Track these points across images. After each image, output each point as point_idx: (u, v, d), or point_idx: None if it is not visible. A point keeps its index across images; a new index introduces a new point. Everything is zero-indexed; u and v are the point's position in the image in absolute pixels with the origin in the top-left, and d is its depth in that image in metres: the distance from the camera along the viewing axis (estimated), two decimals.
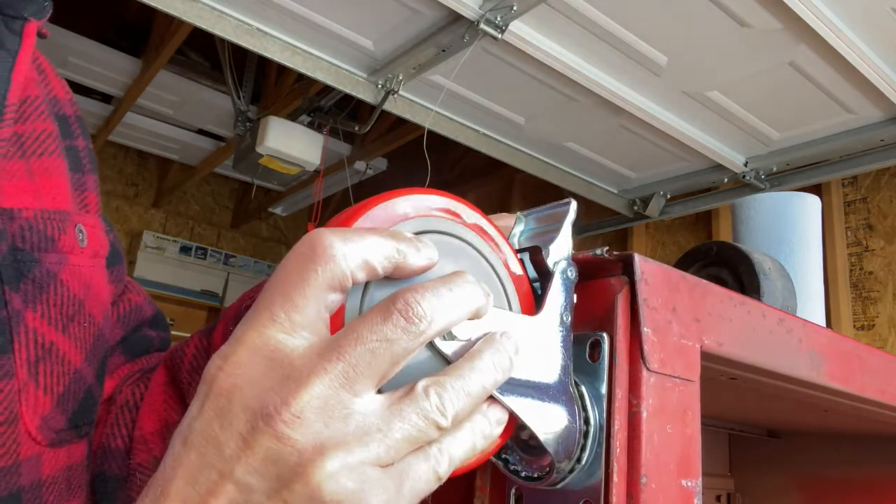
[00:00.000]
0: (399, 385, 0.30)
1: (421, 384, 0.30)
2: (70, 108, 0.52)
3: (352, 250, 0.30)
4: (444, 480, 0.30)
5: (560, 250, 0.38)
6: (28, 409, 0.41)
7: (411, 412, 0.29)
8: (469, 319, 0.32)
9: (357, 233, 0.31)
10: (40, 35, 0.47)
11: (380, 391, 0.29)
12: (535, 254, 0.38)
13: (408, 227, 0.34)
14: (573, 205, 0.40)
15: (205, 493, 0.27)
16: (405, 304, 0.29)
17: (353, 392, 0.28)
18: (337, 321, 0.31)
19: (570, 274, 0.38)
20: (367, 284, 0.32)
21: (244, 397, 0.28)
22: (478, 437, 0.32)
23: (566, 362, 0.36)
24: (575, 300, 0.38)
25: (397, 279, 0.32)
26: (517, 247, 0.41)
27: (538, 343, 0.36)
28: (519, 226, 0.43)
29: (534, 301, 0.38)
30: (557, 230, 0.39)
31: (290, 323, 0.29)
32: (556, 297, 0.37)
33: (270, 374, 0.28)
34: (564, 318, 0.37)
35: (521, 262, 0.39)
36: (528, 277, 0.39)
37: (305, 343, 0.29)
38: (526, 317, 0.36)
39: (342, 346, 0.28)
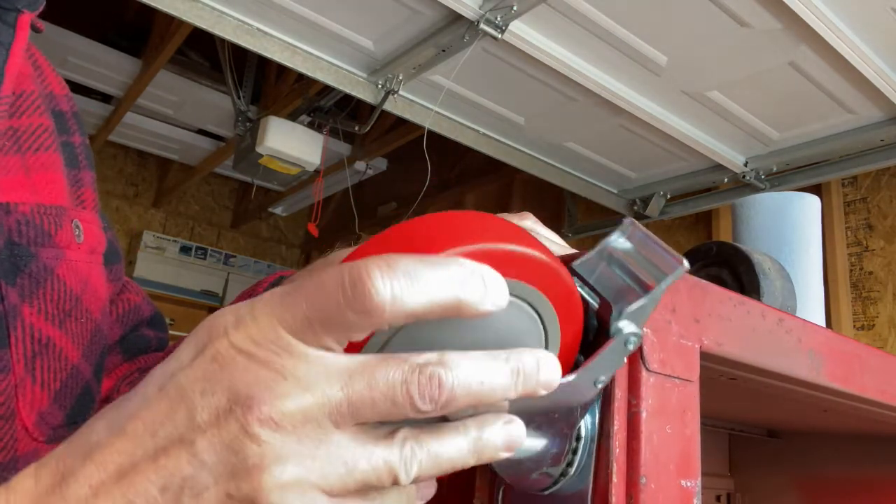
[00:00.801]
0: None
1: (402, 434, 0.28)
2: (66, 104, 0.52)
3: (401, 298, 0.26)
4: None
5: (638, 318, 0.32)
6: (25, 404, 0.41)
7: (380, 459, 0.27)
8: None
9: (415, 270, 0.27)
10: (35, 29, 0.46)
11: None
12: (604, 311, 0.33)
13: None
14: (683, 269, 0.32)
15: (159, 447, 0.27)
16: (428, 380, 0.27)
17: (336, 425, 0.27)
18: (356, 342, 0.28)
19: (631, 346, 0.33)
20: None
21: (237, 375, 0.27)
22: (416, 499, 0.30)
23: (578, 419, 0.34)
24: (621, 367, 0.33)
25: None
26: (606, 256, 0.35)
27: (556, 403, 0.32)
28: (621, 236, 0.35)
29: (577, 350, 0.33)
30: (647, 288, 0.32)
31: (311, 331, 0.27)
32: (602, 364, 0.32)
33: (272, 366, 0.27)
34: (598, 384, 0.33)
35: (583, 300, 0.33)
36: (582, 318, 0.33)
37: (317, 356, 0.27)
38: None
39: (351, 383, 0.27)
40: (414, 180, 3.20)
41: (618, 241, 0.35)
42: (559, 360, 0.30)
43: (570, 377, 0.32)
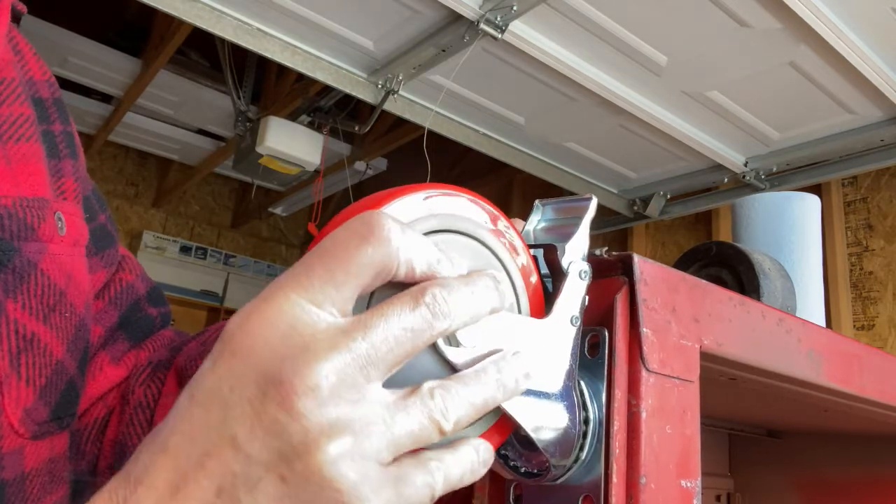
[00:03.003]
0: (399, 386, 0.29)
1: (427, 385, 0.29)
2: (47, 90, 0.50)
3: (406, 245, 0.29)
4: (436, 498, 0.30)
5: (576, 249, 0.37)
6: (10, 401, 0.41)
7: (416, 409, 0.28)
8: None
9: (413, 229, 0.30)
10: (15, 13, 0.45)
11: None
12: (550, 252, 0.37)
13: (432, 223, 0.33)
14: (594, 201, 0.38)
15: (203, 453, 0.26)
16: (433, 298, 0.29)
17: (367, 377, 0.27)
18: None
19: (584, 275, 0.37)
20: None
21: (259, 361, 0.27)
22: (475, 464, 0.31)
23: (572, 366, 0.36)
24: (587, 302, 0.37)
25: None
26: (532, 237, 0.40)
27: (545, 346, 0.35)
28: (536, 215, 0.41)
29: (544, 301, 0.37)
30: (575, 226, 0.38)
31: (324, 296, 0.28)
32: (568, 298, 0.36)
33: (289, 341, 0.27)
34: (574, 321, 0.36)
35: (535, 258, 0.38)
36: (541, 275, 0.38)
37: (332, 319, 0.28)
38: (534, 320, 0.35)
39: (369, 327, 0.28)
40: (414, 180, 3.19)
41: (536, 222, 0.41)
42: (530, 310, 0.36)
43: (547, 318, 0.35)
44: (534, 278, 0.37)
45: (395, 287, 0.31)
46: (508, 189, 3.54)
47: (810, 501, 0.99)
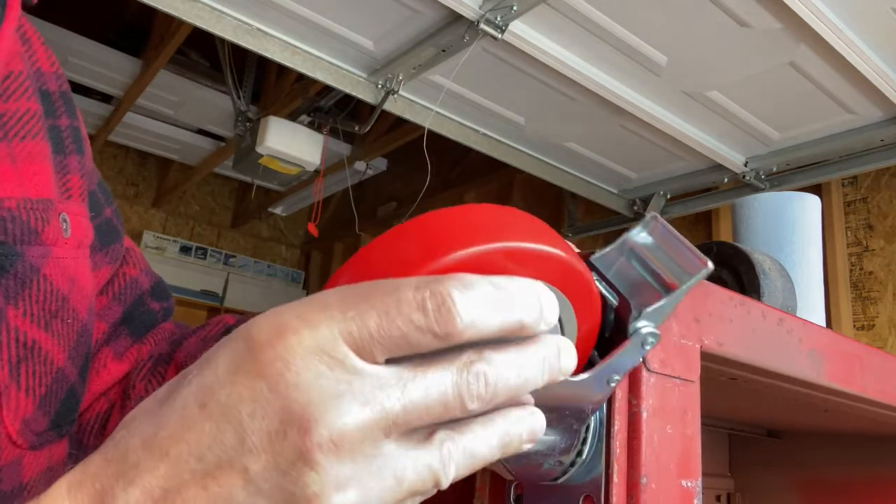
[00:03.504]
0: None
1: (439, 437, 0.27)
2: (54, 82, 0.49)
3: (479, 322, 0.26)
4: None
5: (655, 318, 0.32)
6: (9, 412, 0.40)
7: (424, 465, 0.27)
8: None
9: (491, 295, 0.26)
10: (26, 3, 0.43)
11: None
12: (622, 310, 0.32)
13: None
14: (708, 269, 0.31)
15: (208, 472, 0.25)
16: (478, 381, 0.27)
17: (387, 435, 0.26)
18: None
19: (648, 346, 0.32)
20: None
21: (287, 394, 0.25)
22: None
23: (588, 416, 0.34)
24: (636, 365, 0.33)
25: None
26: (624, 250, 0.34)
27: (569, 401, 0.32)
28: (644, 229, 0.34)
29: (591, 349, 0.33)
30: (668, 288, 0.31)
31: (371, 342, 0.26)
32: (617, 363, 0.32)
33: (324, 382, 0.25)
34: (611, 383, 0.33)
35: (602, 297, 0.32)
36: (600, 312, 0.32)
37: (372, 370, 0.26)
38: (570, 379, 0.31)
39: (407, 390, 0.26)
40: (414, 180, 3.20)
41: (639, 235, 0.34)
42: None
43: (585, 375, 0.31)
44: (592, 321, 0.32)
45: None
46: (508, 189, 3.54)
47: (810, 501, 0.99)
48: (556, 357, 0.29)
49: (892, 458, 0.92)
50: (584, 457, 0.37)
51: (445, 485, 0.27)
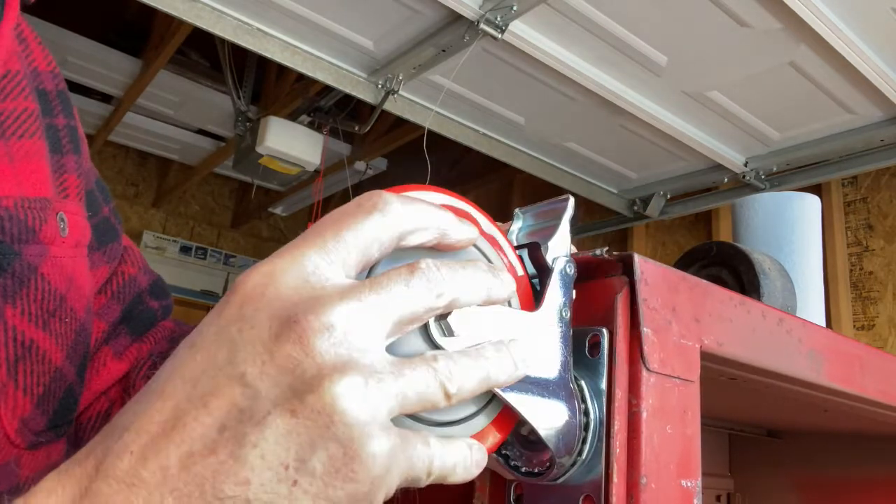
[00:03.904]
0: None
1: (430, 353, 0.30)
2: (51, 81, 0.48)
3: (410, 213, 0.31)
4: (427, 482, 0.30)
5: (559, 246, 0.38)
6: (7, 411, 0.40)
7: (422, 369, 0.28)
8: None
9: (416, 199, 0.32)
10: (24, 2, 0.43)
11: None
12: (534, 250, 0.38)
13: None
14: (571, 201, 0.40)
15: (206, 392, 0.26)
16: (428, 267, 0.30)
17: (374, 329, 0.28)
18: None
19: (568, 270, 0.38)
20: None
21: (272, 306, 0.27)
22: (468, 460, 0.31)
23: (566, 358, 0.36)
24: (574, 296, 0.38)
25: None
26: (516, 243, 0.41)
27: (538, 339, 0.35)
28: (517, 222, 0.43)
29: (533, 298, 0.38)
30: (556, 226, 0.39)
31: (335, 255, 0.29)
32: (555, 293, 0.37)
33: (302, 291, 0.27)
34: (564, 314, 0.37)
35: (521, 259, 0.39)
36: (528, 274, 0.39)
37: (341, 277, 0.29)
38: (525, 313, 0.36)
39: (375, 283, 0.29)
40: (414, 180, 3.19)
41: (518, 228, 0.42)
42: (521, 306, 0.36)
43: (536, 311, 0.36)
44: (520, 272, 0.38)
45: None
46: (508, 189, 3.54)
47: (810, 501, 0.99)
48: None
49: (892, 458, 0.92)
50: (583, 457, 0.37)
51: (452, 391, 0.29)
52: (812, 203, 0.87)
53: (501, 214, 0.43)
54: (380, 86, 2.12)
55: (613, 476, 0.36)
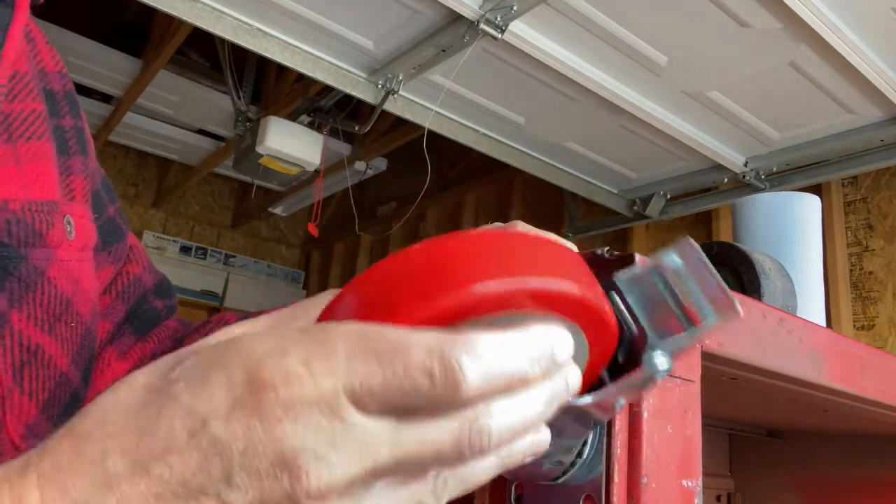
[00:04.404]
0: None
1: (433, 471, 0.27)
2: (59, 82, 0.48)
3: (486, 389, 0.26)
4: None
5: (671, 349, 0.31)
6: (12, 416, 0.39)
7: (414, 500, 0.27)
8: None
9: (500, 357, 0.26)
10: (35, 3, 0.43)
11: None
12: (641, 341, 0.31)
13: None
14: (736, 312, 0.30)
15: (190, 495, 0.25)
16: (480, 438, 0.26)
17: (377, 479, 0.26)
18: None
19: (658, 378, 0.31)
20: None
21: (282, 441, 0.25)
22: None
23: (590, 430, 0.34)
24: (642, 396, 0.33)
25: None
26: (648, 276, 0.33)
27: (570, 420, 0.31)
28: (672, 255, 0.32)
29: (601, 368, 0.32)
30: (691, 321, 0.31)
31: (372, 396, 0.25)
32: (625, 390, 0.32)
33: (322, 432, 0.25)
34: (617, 407, 0.32)
35: (619, 324, 0.31)
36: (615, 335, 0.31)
37: (369, 423, 0.25)
38: (573, 400, 0.30)
39: (401, 445, 0.26)
40: (414, 180, 3.19)
41: (669, 258, 0.32)
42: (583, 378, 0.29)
43: (588, 398, 0.31)
44: (606, 348, 0.31)
45: None
46: (508, 189, 3.54)
47: (810, 501, 0.99)
48: (565, 391, 0.28)
49: (892, 458, 0.92)
50: (584, 457, 0.37)
51: None
52: (812, 203, 0.87)
53: (501, 215, 0.42)
54: (380, 86, 2.12)
55: (614, 476, 0.36)
